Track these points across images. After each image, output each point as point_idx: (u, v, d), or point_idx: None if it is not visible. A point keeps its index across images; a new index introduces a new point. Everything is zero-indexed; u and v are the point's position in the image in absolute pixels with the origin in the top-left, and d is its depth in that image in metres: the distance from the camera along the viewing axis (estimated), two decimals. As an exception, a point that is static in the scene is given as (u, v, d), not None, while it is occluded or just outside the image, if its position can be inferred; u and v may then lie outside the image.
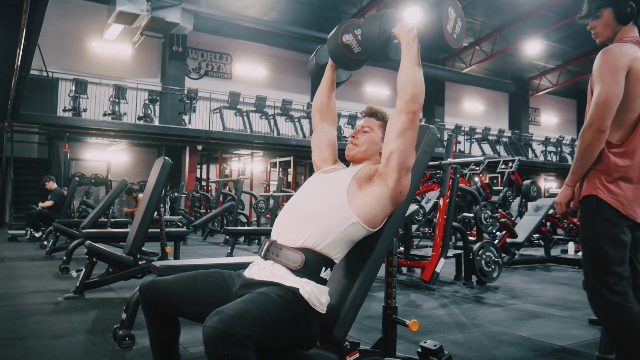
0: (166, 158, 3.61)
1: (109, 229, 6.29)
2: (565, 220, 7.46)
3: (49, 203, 8.33)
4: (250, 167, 16.37)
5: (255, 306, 1.34)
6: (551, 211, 6.82)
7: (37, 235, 8.15)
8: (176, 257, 4.77)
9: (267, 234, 2.35)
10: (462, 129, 18.04)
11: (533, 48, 17.72)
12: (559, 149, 20.60)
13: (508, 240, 6.13)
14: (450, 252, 4.82)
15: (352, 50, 1.84)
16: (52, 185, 8.65)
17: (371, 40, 1.71)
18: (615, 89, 1.88)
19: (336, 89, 2.00)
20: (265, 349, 1.38)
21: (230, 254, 6.38)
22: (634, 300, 1.91)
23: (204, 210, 12.98)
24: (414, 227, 7.11)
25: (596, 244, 1.92)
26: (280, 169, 15.83)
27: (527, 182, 7.98)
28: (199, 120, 14.51)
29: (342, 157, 1.85)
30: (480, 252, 4.72)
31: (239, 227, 9.39)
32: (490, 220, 5.91)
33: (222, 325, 1.22)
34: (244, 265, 1.70)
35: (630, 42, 1.97)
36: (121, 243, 4.88)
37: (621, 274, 1.90)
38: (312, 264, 1.52)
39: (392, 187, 1.59)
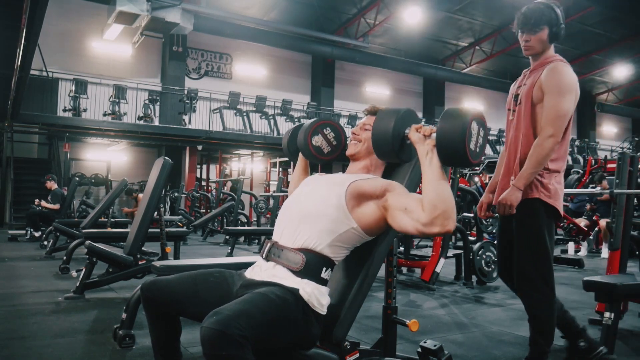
0: (166, 158, 3.61)
1: (109, 229, 6.29)
2: (565, 221, 7.46)
3: (53, 206, 8.29)
4: (250, 167, 16.37)
5: (253, 306, 1.33)
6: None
7: (37, 234, 8.13)
8: (176, 257, 4.77)
9: (267, 234, 2.36)
10: (462, 129, 18.02)
11: (533, 48, 17.67)
12: (559, 149, 20.56)
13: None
14: (450, 252, 4.81)
15: (322, 151, 1.89)
16: (52, 185, 8.63)
17: (384, 141, 1.59)
18: (573, 105, 2.14)
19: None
20: (264, 349, 1.38)
21: (230, 254, 6.38)
22: None
23: (204, 210, 12.98)
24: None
25: (544, 243, 2.16)
26: (280, 169, 15.84)
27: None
28: (199, 120, 14.51)
29: (342, 157, 1.85)
30: (480, 252, 4.72)
31: (239, 227, 9.39)
32: (490, 220, 5.90)
33: (219, 326, 1.22)
34: (244, 265, 1.70)
35: (566, 63, 2.22)
36: (121, 243, 4.87)
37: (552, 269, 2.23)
38: (313, 264, 1.52)
39: (391, 225, 1.57)
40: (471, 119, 1.47)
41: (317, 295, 1.49)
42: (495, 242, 4.75)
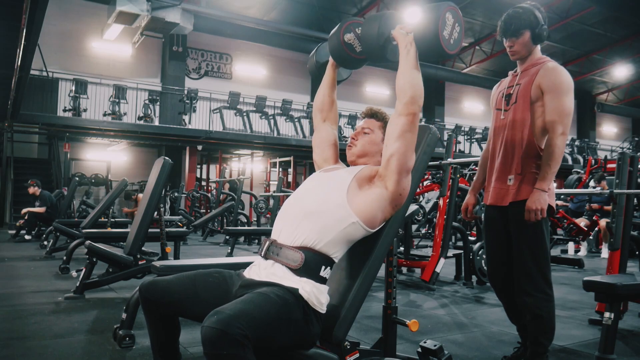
0: (166, 158, 3.61)
1: (109, 229, 6.29)
2: (565, 221, 7.46)
3: (40, 209, 8.17)
4: (250, 167, 16.37)
5: (253, 306, 1.34)
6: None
7: (28, 237, 8.09)
8: (176, 257, 4.77)
9: (267, 234, 2.35)
10: (462, 129, 18.05)
11: (533, 48, 17.70)
12: (559, 148, 20.57)
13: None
14: (450, 252, 4.81)
15: (354, 49, 1.84)
16: (36, 190, 8.41)
17: (370, 41, 1.71)
18: (573, 104, 2.21)
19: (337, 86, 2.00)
20: (264, 349, 1.38)
21: (230, 254, 6.38)
22: None
23: (204, 210, 12.98)
24: (414, 227, 7.10)
25: (544, 241, 2.20)
26: (280, 169, 15.84)
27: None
28: (199, 120, 14.50)
29: (342, 157, 1.85)
30: (480, 252, 4.71)
31: (239, 227, 9.39)
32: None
33: (220, 325, 1.22)
34: (244, 265, 1.70)
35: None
36: (121, 243, 4.87)
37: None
38: (312, 263, 1.52)
39: (392, 189, 1.59)
40: (446, 9, 1.58)
41: (316, 294, 1.49)
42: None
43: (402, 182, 1.60)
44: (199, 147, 14.27)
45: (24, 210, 8.28)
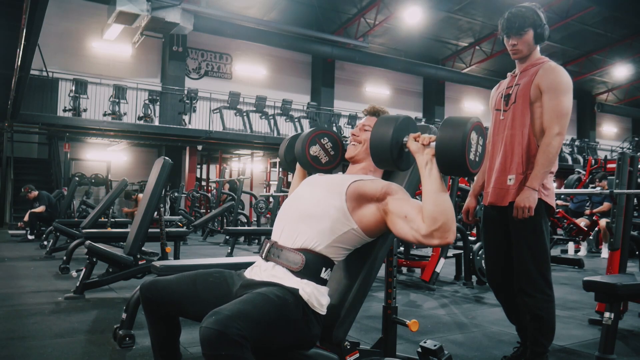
0: (166, 158, 3.61)
1: (109, 229, 6.29)
2: (565, 220, 7.46)
3: (40, 209, 8.23)
4: (250, 167, 16.37)
5: (252, 306, 1.33)
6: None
7: (30, 237, 8.11)
8: (176, 257, 4.77)
9: (267, 234, 2.35)
10: (462, 129, 18.02)
11: (533, 48, 17.70)
12: (559, 148, 20.57)
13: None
14: (450, 252, 4.81)
15: (320, 161, 1.87)
16: (34, 193, 8.51)
17: (382, 149, 1.56)
18: (571, 104, 2.20)
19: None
20: (263, 349, 1.38)
21: (230, 254, 6.38)
22: None
23: (204, 210, 12.98)
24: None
25: (544, 241, 2.20)
26: (280, 169, 15.82)
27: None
28: (199, 120, 14.50)
29: (342, 158, 1.85)
30: (480, 252, 4.71)
31: (239, 227, 9.39)
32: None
33: (218, 326, 1.22)
34: (244, 265, 1.70)
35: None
36: (121, 243, 4.87)
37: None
38: (313, 264, 1.52)
39: (390, 229, 1.57)
40: (471, 128, 1.45)
41: (316, 296, 1.49)
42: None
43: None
44: (199, 147, 14.27)
45: (26, 217, 8.31)
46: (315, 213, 1.57)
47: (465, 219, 2.53)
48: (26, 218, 8.31)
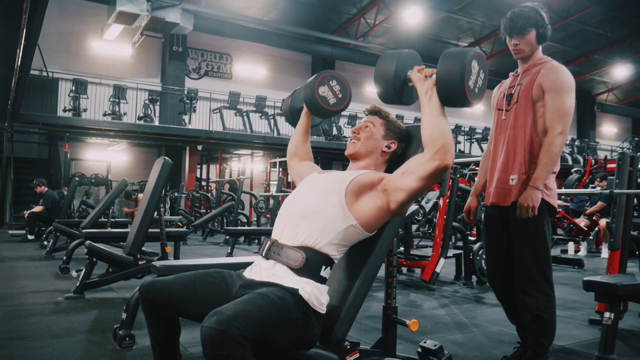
0: (166, 158, 3.60)
1: (109, 229, 6.29)
2: (565, 221, 7.46)
3: (38, 209, 8.22)
4: (250, 167, 16.37)
5: (253, 307, 1.33)
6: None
7: (30, 237, 8.11)
8: (176, 257, 4.77)
9: (267, 234, 2.35)
10: (462, 129, 18.05)
11: (533, 48, 17.72)
12: (559, 148, 20.58)
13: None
14: (450, 252, 4.81)
15: (328, 102, 1.87)
16: (43, 189, 8.54)
17: (385, 83, 1.61)
18: (574, 103, 2.20)
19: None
20: (264, 349, 1.38)
21: (230, 254, 6.38)
22: None
23: (204, 210, 12.98)
24: (414, 227, 7.10)
25: (545, 242, 2.20)
26: (280, 169, 15.82)
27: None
28: (199, 120, 14.51)
29: (342, 157, 1.85)
30: (480, 252, 4.71)
31: (239, 227, 9.39)
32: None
33: (219, 326, 1.22)
34: (244, 265, 1.70)
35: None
36: (121, 243, 4.87)
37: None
38: (313, 262, 1.52)
39: (394, 209, 1.58)
40: (472, 57, 1.48)
41: (316, 294, 1.49)
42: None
43: (405, 206, 1.59)
44: (199, 147, 14.27)
45: (26, 213, 8.30)
46: (316, 211, 1.57)
47: (467, 219, 2.53)
48: (26, 215, 8.30)
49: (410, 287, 4.65)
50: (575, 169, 10.51)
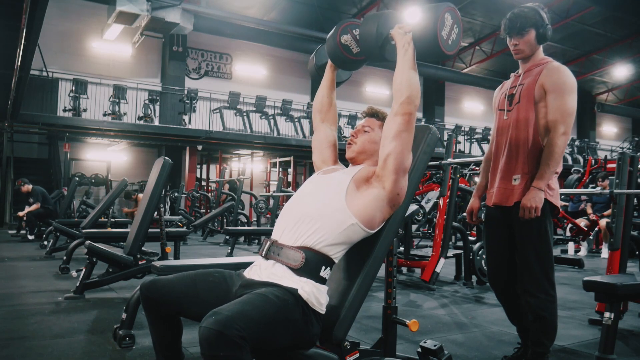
0: (166, 158, 3.61)
1: (109, 229, 6.29)
2: (565, 221, 7.46)
3: (35, 207, 8.17)
4: (250, 167, 16.37)
5: (252, 307, 1.33)
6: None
7: (30, 237, 8.10)
8: (176, 257, 4.77)
9: (267, 234, 2.35)
10: (462, 129, 18.05)
11: (533, 48, 17.73)
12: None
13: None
14: (450, 252, 4.81)
15: (351, 50, 1.84)
16: (28, 187, 8.45)
17: (368, 40, 1.71)
18: (576, 104, 2.20)
19: (336, 88, 2.00)
20: (263, 349, 1.38)
21: (230, 254, 6.38)
22: None
23: (204, 210, 12.98)
24: (414, 227, 7.10)
25: (548, 242, 2.20)
26: (280, 169, 15.84)
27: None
28: (199, 120, 14.51)
29: (342, 157, 1.85)
30: (480, 252, 4.71)
31: (239, 227, 9.39)
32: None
33: (217, 326, 1.22)
34: (244, 265, 1.70)
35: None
36: (121, 243, 4.87)
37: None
38: (313, 263, 1.52)
39: (389, 189, 1.59)
40: (445, 9, 1.58)
41: (316, 294, 1.49)
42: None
43: (399, 181, 1.60)
44: (199, 147, 14.27)
45: (21, 214, 8.27)
46: (316, 213, 1.58)
47: (469, 220, 2.52)
48: (20, 214, 8.27)
49: (410, 287, 4.65)
50: (574, 168, 10.52)
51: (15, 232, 8.68)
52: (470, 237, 5.78)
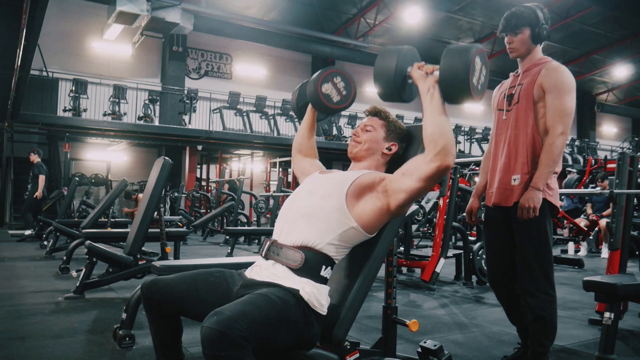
0: (166, 158, 3.61)
1: (109, 229, 6.29)
2: (565, 221, 7.46)
3: (41, 180, 8.14)
4: (250, 167, 16.37)
5: (254, 307, 1.33)
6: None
7: (27, 233, 8.10)
8: (176, 257, 4.77)
9: (267, 234, 2.35)
10: (462, 129, 18.04)
11: (533, 48, 17.73)
12: (559, 148, 20.60)
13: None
14: (450, 252, 4.81)
15: (332, 99, 1.85)
16: (35, 158, 8.52)
17: (385, 80, 1.58)
18: (575, 103, 2.20)
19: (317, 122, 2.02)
20: (264, 349, 1.38)
21: (230, 254, 6.38)
22: None
23: (204, 210, 12.98)
24: (414, 227, 7.10)
25: (547, 242, 2.20)
26: (280, 169, 15.84)
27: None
28: (199, 120, 14.50)
29: (342, 157, 1.84)
30: (480, 252, 4.71)
31: (239, 227, 9.39)
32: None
33: (219, 326, 1.22)
34: (244, 265, 1.70)
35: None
36: (121, 243, 4.87)
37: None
38: (312, 262, 1.52)
39: (394, 210, 1.57)
40: (475, 52, 1.46)
41: (317, 295, 1.49)
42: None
43: (405, 207, 1.59)
44: (199, 147, 14.27)
45: (38, 195, 8.19)
46: (315, 212, 1.57)
47: (469, 220, 2.52)
48: (39, 194, 8.24)
49: (410, 287, 4.65)
50: (568, 169, 10.52)
51: (15, 231, 8.66)
52: (470, 237, 5.77)
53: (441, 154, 1.48)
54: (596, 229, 7.57)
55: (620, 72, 20.70)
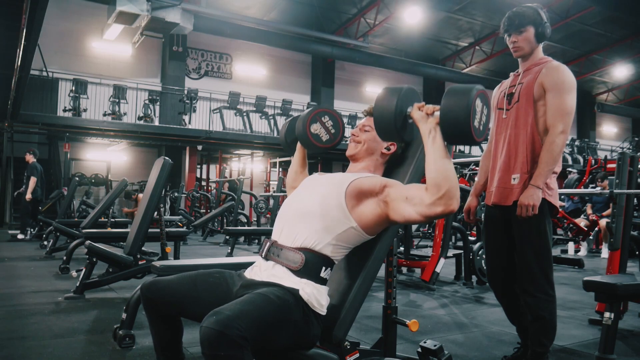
0: (166, 158, 3.60)
1: (109, 229, 6.29)
2: (565, 220, 7.46)
3: (32, 182, 8.14)
4: (250, 167, 16.37)
5: (253, 307, 1.33)
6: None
7: (20, 237, 8.09)
8: (176, 257, 4.77)
9: (267, 234, 2.35)
10: (462, 129, 18.02)
11: (533, 48, 17.72)
12: (559, 148, 20.59)
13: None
14: (450, 252, 4.81)
15: (321, 139, 1.87)
16: (31, 158, 8.53)
17: (386, 121, 1.54)
18: (575, 103, 2.20)
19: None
20: (264, 349, 1.38)
21: (230, 254, 6.38)
22: None
23: (204, 210, 12.98)
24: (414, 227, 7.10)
25: (547, 242, 2.20)
26: (280, 169, 15.83)
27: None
28: (199, 120, 14.50)
29: (342, 157, 1.85)
30: (480, 252, 4.71)
31: (239, 227, 9.39)
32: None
33: (218, 326, 1.22)
34: (244, 265, 1.70)
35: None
36: (121, 243, 4.87)
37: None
38: (312, 264, 1.52)
39: (393, 221, 1.57)
40: (475, 95, 1.44)
41: (316, 296, 1.49)
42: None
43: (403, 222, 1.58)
44: (199, 147, 14.27)
45: (28, 197, 8.17)
46: (315, 212, 1.57)
47: (467, 219, 2.52)
48: (29, 197, 8.24)
49: (410, 287, 4.65)
50: (568, 169, 10.52)
51: (15, 231, 8.66)
52: (470, 237, 5.78)
53: (445, 198, 1.44)
54: (596, 229, 7.57)
55: (620, 72, 20.70)
